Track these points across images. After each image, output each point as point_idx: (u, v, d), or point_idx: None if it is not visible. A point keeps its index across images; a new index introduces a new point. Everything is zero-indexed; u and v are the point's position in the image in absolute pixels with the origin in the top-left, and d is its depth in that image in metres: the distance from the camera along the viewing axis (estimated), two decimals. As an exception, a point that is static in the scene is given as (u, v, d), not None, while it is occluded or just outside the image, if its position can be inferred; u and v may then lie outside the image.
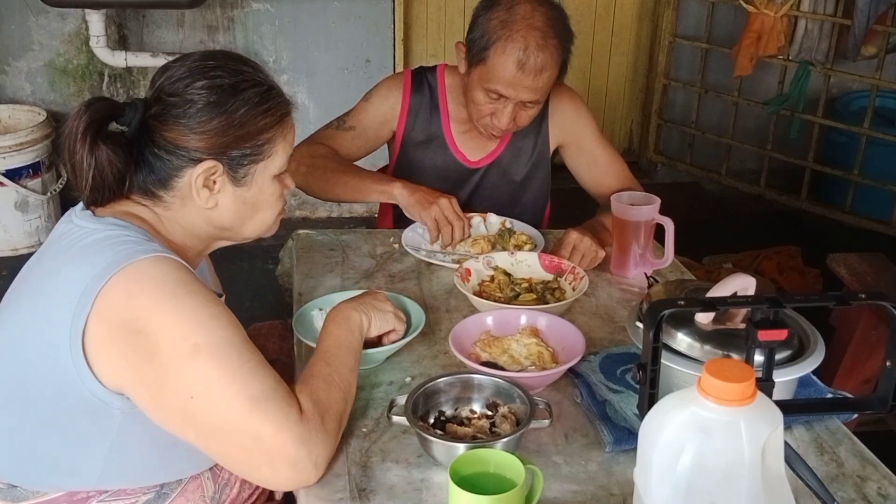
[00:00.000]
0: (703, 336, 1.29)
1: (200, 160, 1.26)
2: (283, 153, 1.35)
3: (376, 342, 1.46)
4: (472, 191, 2.12)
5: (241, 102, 1.27)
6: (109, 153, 1.23)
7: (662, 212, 1.82)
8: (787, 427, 1.27)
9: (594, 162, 2.12)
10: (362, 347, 1.39)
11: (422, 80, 2.11)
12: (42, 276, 1.25)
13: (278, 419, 1.15)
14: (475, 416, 1.32)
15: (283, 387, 1.19)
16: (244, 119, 1.27)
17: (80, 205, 1.29)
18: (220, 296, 1.47)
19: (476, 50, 1.88)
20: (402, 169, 2.13)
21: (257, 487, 1.42)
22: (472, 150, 2.11)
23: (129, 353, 1.15)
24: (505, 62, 1.84)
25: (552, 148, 2.15)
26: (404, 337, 1.48)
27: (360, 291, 1.61)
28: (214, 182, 1.29)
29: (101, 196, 1.27)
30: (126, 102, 1.27)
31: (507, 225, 2.00)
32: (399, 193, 1.94)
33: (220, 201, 1.31)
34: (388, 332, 1.46)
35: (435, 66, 2.14)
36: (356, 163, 2.10)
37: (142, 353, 1.15)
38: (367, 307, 1.42)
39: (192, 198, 1.29)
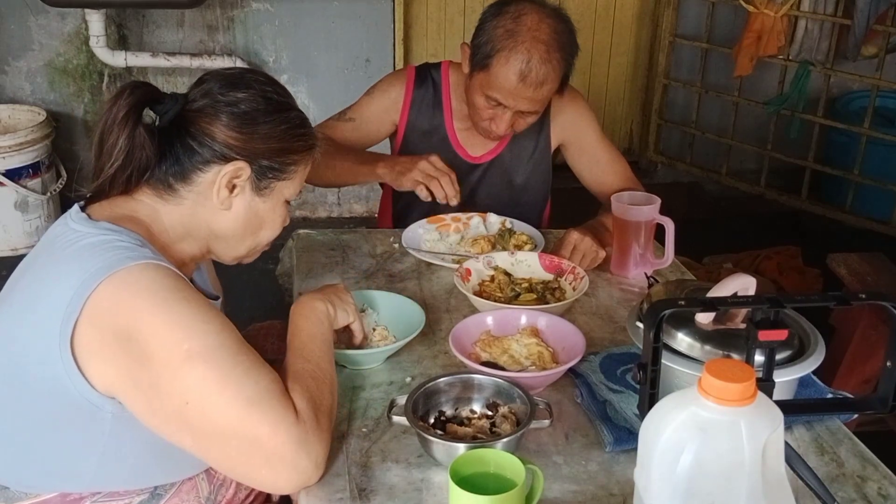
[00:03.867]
0: (703, 336, 1.29)
1: (231, 159, 1.29)
2: (299, 181, 1.39)
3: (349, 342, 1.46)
4: (473, 188, 2.11)
5: (283, 119, 1.33)
6: (145, 138, 1.25)
7: (662, 212, 1.82)
8: (788, 427, 1.27)
9: (595, 161, 2.13)
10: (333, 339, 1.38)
11: (426, 76, 2.12)
12: (34, 279, 1.25)
13: (275, 421, 1.15)
14: (475, 416, 1.32)
15: (279, 387, 1.19)
16: (283, 135, 1.32)
17: (76, 207, 1.29)
18: (216, 298, 1.47)
19: (480, 56, 1.88)
20: None
21: (254, 489, 1.42)
22: (474, 146, 2.11)
23: (122, 359, 1.14)
24: (507, 73, 1.84)
25: (553, 147, 2.15)
26: (405, 337, 1.48)
27: (361, 291, 1.62)
28: (235, 186, 1.31)
29: (115, 183, 1.28)
30: (167, 94, 1.31)
31: (507, 225, 2.00)
32: (382, 171, 1.93)
33: (234, 204, 1.33)
34: (351, 330, 1.45)
35: (440, 63, 2.15)
36: None
37: (134, 359, 1.14)
38: (330, 296, 1.41)
39: (209, 195, 1.30)
